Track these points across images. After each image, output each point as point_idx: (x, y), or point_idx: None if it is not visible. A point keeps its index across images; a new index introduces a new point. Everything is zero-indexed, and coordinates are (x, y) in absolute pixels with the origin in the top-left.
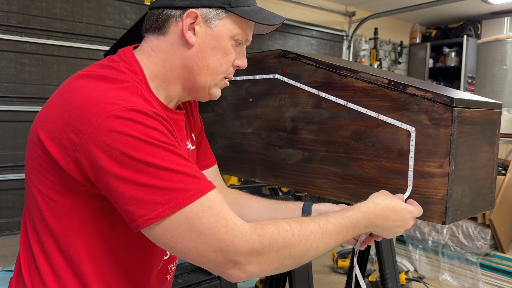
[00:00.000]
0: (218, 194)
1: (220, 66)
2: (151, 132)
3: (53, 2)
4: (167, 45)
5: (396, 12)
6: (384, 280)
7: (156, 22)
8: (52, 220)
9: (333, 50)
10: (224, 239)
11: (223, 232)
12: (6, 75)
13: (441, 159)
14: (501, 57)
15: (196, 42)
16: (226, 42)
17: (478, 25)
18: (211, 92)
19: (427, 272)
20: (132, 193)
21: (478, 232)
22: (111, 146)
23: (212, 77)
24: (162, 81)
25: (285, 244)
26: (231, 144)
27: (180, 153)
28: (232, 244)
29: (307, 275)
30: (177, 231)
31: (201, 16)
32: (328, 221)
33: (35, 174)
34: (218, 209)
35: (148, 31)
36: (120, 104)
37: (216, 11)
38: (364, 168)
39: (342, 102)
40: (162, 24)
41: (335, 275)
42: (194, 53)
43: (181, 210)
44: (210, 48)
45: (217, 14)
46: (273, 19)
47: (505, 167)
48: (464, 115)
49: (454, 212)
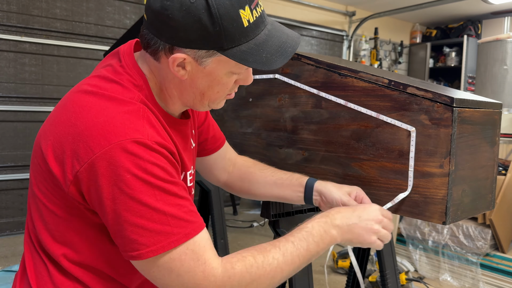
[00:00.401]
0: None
1: (217, 94)
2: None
3: (53, 2)
4: (162, 72)
5: (396, 12)
6: (384, 280)
7: (148, 47)
8: (56, 232)
9: (333, 50)
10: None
11: (200, 277)
12: (6, 75)
13: (442, 159)
14: (501, 57)
15: (188, 76)
16: (221, 77)
17: (478, 25)
18: (212, 107)
19: (427, 272)
20: (119, 228)
21: (479, 232)
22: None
23: (210, 101)
24: (165, 99)
25: (252, 279)
26: (231, 144)
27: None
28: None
29: (307, 275)
30: (158, 269)
31: (190, 57)
32: (287, 240)
33: (39, 186)
34: (200, 254)
35: (146, 49)
36: (124, 136)
37: (207, 52)
38: (364, 168)
39: (342, 102)
40: (154, 52)
41: (335, 275)
42: (188, 85)
43: (164, 253)
44: (204, 83)
45: (209, 55)
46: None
47: (505, 167)
48: (464, 115)
49: (454, 212)
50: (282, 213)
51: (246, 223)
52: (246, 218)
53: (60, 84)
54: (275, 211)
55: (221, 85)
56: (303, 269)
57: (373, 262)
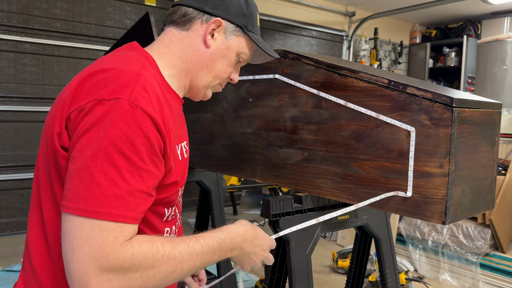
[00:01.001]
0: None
1: (223, 73)
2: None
3: (53, 2)
4: (188, 40)
5: (396, 12)
6: (384, 280)
7: (183, 18)
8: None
9: (333, 50)
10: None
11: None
12: (6, 75)
13: (441, 159)
14: (501, 57)
15: (212, 45)
16: (233, 55)
17: (478, 25)
18: (207, 92)
19: (427, 272)
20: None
21: (478, 232)
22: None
23: (214, 79)
24: (177, 71)
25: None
26: (231, 144)
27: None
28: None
29: (307, 275)
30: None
31: (223, 26)
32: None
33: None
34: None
35: (172, 24)
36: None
37: (235, 28)
38: (364, 168)
39: (342, 102)
40: (188, 21)
41: (335, 275)
42: (208, 54)
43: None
44: (221, 55)
45: (235, 31)
46: (271, 52)
47: (505, 167)
48: (464, 115)
49: (454, 212)
50: (282, 212)
51: None
52: (246, 218)
53: (61, 84)
54: (275, 211)
55: (229, 64)
56: (303, 269)
57: (373, 262)
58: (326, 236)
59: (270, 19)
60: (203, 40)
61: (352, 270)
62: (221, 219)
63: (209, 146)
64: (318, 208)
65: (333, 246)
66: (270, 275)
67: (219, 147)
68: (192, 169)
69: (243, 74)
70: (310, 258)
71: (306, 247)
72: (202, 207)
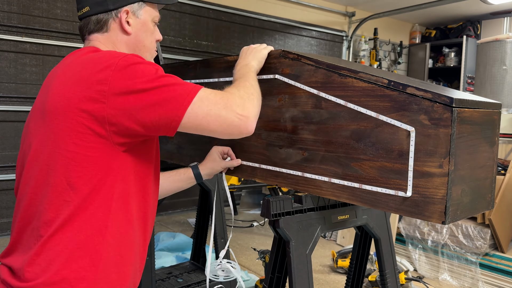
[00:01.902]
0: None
1: (151, 43)
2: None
3: (53, 3)
4: (113, 37)
5: (395, 13)
6: (383, 279)
7: (98, 25)
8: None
9: (333, 51)
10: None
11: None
12: (7, 75)
13: (441, 159)
14: (500, 57)
15: (132, 31)
16: (149, 24)
17: (477, 25)
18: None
19: (426, 271)
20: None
21: (478, 232)
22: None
23: (149, 53)
24: None
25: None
26: (231, 144)
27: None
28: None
29: (307, 274)
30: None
31: (130, 11)
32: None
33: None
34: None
35: (92, 32)
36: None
37: (138, 4)
38: (364, 168)
39: (342, 102)
40: (103, 25)
41: (335, 275)
42: (133, 39)
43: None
44: (142, 32)
45: (139, 7)
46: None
47: (504, 167)
48: (464, 115)
49: (453, 212)
50: (282, 212)
51: (246, 223)
52: (246, 217)
53: None
54: (275, 211)
55: (151, 33)
56: (303, 269)
57: (372, 261)
58: (326, 236)
59: (270, 19)
60: (123, 31)
61: (352, 270)
62: (221, 219)
63: (209, 146)
64: (318, 208)
65: (332, 246)
66: (270, 275)
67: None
68: None
69: None
70: (310, 257)
71: (306, 247)
72: (202, 207)
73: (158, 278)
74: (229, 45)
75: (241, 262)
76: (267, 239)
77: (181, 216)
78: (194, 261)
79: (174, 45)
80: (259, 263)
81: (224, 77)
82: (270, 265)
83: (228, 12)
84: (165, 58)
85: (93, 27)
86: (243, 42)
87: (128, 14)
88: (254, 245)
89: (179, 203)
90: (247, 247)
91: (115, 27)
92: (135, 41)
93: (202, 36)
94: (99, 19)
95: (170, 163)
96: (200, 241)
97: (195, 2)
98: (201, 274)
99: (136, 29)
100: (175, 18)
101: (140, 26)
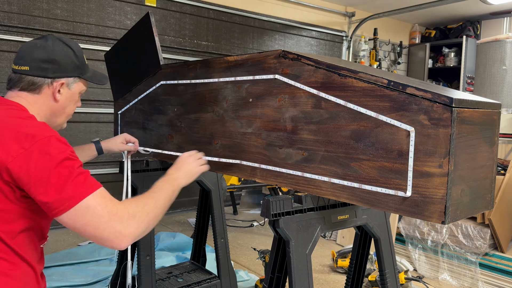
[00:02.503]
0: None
1: (72, 111)
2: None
3: (53, 3)
4: (41, 101)
5: (395, 13)
6: (383, 279)
7: (32, 86)
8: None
9: (332, 51)
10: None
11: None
12: (7, 75)
13: (441, 159)
14: (500, 57)
15: (60, 99)
16: (77, 96)
17: (477, 26)
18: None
19: (426, 271)
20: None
21: (478, 231)
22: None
23: (66, 117)
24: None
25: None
26: (231, 144)
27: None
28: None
29: (307, 274)
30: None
31: (65, 83)
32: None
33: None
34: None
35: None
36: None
37: (73, 79)
38: (363, 168)
39: (342, 102)
40: (37, 87)
41: (335, 275)
42: (58, 106)
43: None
44: (68, 101)
45: (74, 81)
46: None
47: (504, 167)
48: (464, 115)
49: (453, 211)
50: (282, 212)
51: (246, 223)
52: (246, 217)
53: None
54: (275, 211)
55: (74, 103)
56: (303, 269)
57: (372, 261)
58: (325, 236)
59: (270, 19)
60: (53, 98)
61: (352, 270)
62: (221, 219)
63: (209, 146)
64: (318, 208)
65: (332, 245)
66: (270, 275)
67: (219, 147)
68: None
69: (243, 75)
70: (310, 257)
71: (306, 246)
72: (203, 206)
73: (158, 278)
74: (229, 45)
75: (241, 262)
76: (267, 239)
77: (181, 216)
78: (194, 261)
79: (174, 45)
80: (259, 263)
81: (224, 77)
82: (270, 265)
83: (228, 12)
84: (165, 58)
85: (26, 87)
86: (243, 42)
87: (63, 85)
88: (254, 245)
89: (179, 203)
90: (247, 247)
91: (47, 93)
92: (59, 108)
93: (202, 36)
94: (34, 81)
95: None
96: (200, 241)
97: (195, 2)
98: (201, 274)
99: (64, 98)
100: (175, 18)
101: (68, 96)
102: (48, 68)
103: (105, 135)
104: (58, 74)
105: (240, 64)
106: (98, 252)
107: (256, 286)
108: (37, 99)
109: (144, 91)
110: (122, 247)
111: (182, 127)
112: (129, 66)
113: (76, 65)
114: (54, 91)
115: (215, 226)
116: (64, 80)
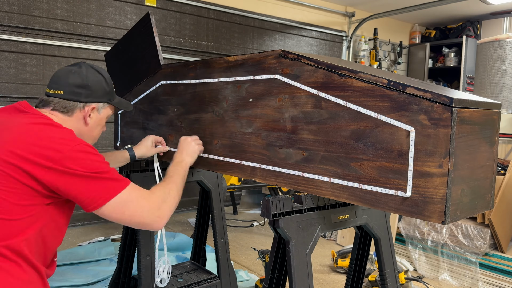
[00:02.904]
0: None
1: (98, 134)
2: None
3: (53, 3)
4: (71, 122)
5: (395, 13)
6: (383, 279)
7: (65, 109)
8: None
9: (332, 51)
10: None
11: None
12: (7, 75)
13: (441, 159)
14: (500, 58)
15: (90, 123)
16: (104, 120)
17: (477, 26)
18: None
19: (426, 271)
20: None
21: (478, 231)
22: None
23: (92, 141)
24: None
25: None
26: (231, 144)
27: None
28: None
29: (307, 274)
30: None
31: (96, 108)
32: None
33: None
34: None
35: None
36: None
37: (103, 104)
38: (363, 168)
39: (342, 102)
40: (70, 110)
41: (335, 275)
42: (87, 129)
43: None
44: (96, 125)
45: (103, 106)
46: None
47: (504, 167)
48: (464, 115)
49: (453, 211)
50: (282, 212)
51: (246, 223)
52: (246, 217)
53: None
54: (275, 211)
55: (101, 127)
56: (303, 269)
57: (372, 261)
58: (325, 236)
59: (270, 19)
60: (84, 121)
61: (352, 270)
62: (221, 219)
63: (209, 145)
64: (318, 208)
65: (332, 245)
66: (270, 275)
67: (219, 147)
68: (192, 168)
69: (243, 75)
70: (310, 257)
71: (306, 246)
72: (203, 206)
73: None
74: (229, 45)
75: (241, 262)
76: (267, 239)
77: (181, 216)
78: (194, 261)
79: (174, 45)
80: (259, 263)
81: (224, 77)
82: (270, 265)
83: (228, 12)
84: (165, 58)
85: (59, 108)
86: (243, 42)
87: (94, 109)
88: (254, 245)
89: (179, 203)
90: (247, 247)
91: (78, 116)
92: (87, 131)
93: (202, 36)
94: (67, 105)
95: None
96: (200, 241)
97: (195, 2)
98: (201, 274)
99: (93, 121)
100: (175, 18)
101: (97, 120)
102: (81, 93)
103: (105, 135)
104: (90, 99)
105: (240, 64)
106: (98, 252)
107: (256, 286)
108: (67, 120)
109: (144, 91)
110: (161, 227)
111: (182, 127)
112: (129, 66)
113: (106, 91)
114: (86, 114)
115: (215, 226)
116: (95, 104)
